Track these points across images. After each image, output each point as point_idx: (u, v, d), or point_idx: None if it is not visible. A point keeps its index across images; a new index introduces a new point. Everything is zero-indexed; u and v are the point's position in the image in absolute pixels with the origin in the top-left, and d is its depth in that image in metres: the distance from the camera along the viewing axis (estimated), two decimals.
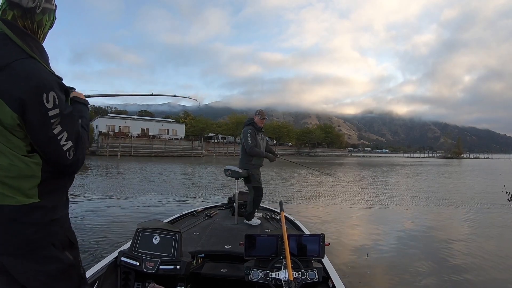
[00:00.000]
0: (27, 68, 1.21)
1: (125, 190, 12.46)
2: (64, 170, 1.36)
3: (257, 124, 4.91)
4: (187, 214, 4.84)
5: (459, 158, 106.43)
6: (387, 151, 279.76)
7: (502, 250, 5.89)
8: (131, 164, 29.82)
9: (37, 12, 1.32)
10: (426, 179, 22.03)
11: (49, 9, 1.38)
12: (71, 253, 1.47)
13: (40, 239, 1.32)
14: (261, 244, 2.66)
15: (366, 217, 9.00)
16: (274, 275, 2.46)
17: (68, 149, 1.31)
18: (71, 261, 1.45)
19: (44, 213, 1.33)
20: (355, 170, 31.58)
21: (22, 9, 1.29)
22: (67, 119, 1.30)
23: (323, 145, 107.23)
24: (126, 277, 2.75)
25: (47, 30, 1.43)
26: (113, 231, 6.23)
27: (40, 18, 1.35)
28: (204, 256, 3.22)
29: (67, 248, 1.46)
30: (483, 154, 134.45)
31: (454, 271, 4.76)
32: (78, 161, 1.37)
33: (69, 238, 1.48)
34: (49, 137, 1.26)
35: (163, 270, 2.58)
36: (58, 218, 1.40)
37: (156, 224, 2.92)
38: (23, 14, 1.29)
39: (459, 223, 8.25)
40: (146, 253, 2.67)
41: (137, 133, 61.62)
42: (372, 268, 4.84)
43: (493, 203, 11.10)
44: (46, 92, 1.21)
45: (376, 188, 15.88)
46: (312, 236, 2.77)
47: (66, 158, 1.32)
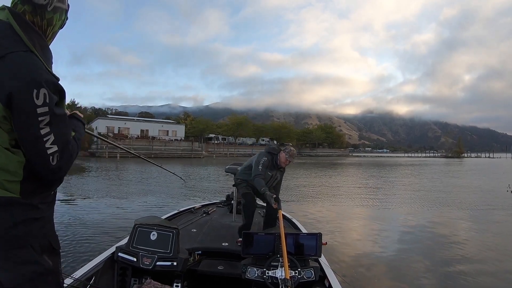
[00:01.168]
0: (23, 61, 1.18)
1: (123, 189, 12.35)
2: (44, 175, 1.26)
3: (280, 159, 4.09)
4: (185, 211, 4.84)
5: (460, 157, 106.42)
6: (388, 151, 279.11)
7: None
8: (130, 166, 29.59)
9: (48, 9, 1.31)
10: (431, 179, 21.88)
11: (61, 8, 1.36)
12: (51, 258, 1.36)
13: (17, 237, 1.24)
14: (258, 242, 2.69)
15: (364, 217, 8.95)
16: (271, 274, 2.47)
17: (52, 153, 1.22)
18: (50, 267, 1.34)
19: (23, 211, 1.25)
20: (357, 170, 31.58)
21: (33, 4, 1.27)
22: (57, 121, 1.23)
23: (323, 146, 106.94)
24: (123, 273, 2.73)
25: (57, 29, 1.40)
26: (110, 227, 6.18)
27: (51, 16, 1.33)
28: (201, 253, 3.21)
29: (47, 252, 1.35)
30: (484, 153, 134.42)
31: (454, 272, 4.71)
32: (61, 170, 1.27)
33: (51, 242, 1.37)
34: (35, 136, 1.19)
35: (160, 266, 2.58)
36: (39, 218, 1.31)
37: (154, 220, 2.92)
38: (33, 10, 1.28)
39: (464, 224, 8.08)
40: (143, 249, 2.67)
41: (137, 134, 61.42)
42: (369, 267, 4.86)
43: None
44: (37, 88, 1.16)
45: (377, 188, 15.78)
46: (309, 235, 2.81)
47: (49, 162, 1.23)
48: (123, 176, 19.59)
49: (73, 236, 5.73)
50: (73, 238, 5.62)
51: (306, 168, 31.51)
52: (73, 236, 5.76)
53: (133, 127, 63.20)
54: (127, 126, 63.02)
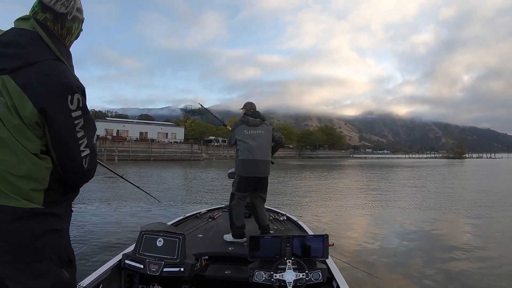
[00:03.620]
0: (56, 69, 1.22)
1: (125, 194, 11.92)
2: (74, 179, 1.31)
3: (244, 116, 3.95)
4: (191, 216, 4.81)
5: (461, 158, 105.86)
6: (389, 152, 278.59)
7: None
8: (129, 169, 29.05)
9: (68, 18, 1.35)
10: (437, 180, 21.28)
11: (79, 18, 1.41)
12: (68, 271, 1.37)
13: (38, 250, 1.25)
14: (265, 246, 2.67)
15: (372, 218, 8.85)
16: (278, 277, 2.46)
17: (85, 156, 1.28)
18: (68, 280, 1.35)
19: (46, 222, 1.26)
20: (361, 172, 31.34)
21: (55, 13, 1.31)
22: (89, 125, 1.29)
23: (324, 147, 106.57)
24: (130, 280, 2.72)
25: (74, 38, 1.44)
26: (116, 234, 6.15)
27: (70, 25, 1.37)
28: (208, 258, 3.18)
29: (64, 265, 1.36)
30: (485, 153, 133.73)
31: (464, 276, 4.61)
32: (90, 171, 1.34)
33: (68, 254, 1.39)
34: (72, 140, 1.24)
35: (167, 273, 2.56)
36: (59, 229, 1.32)
37: (160, 226, 2.93)
38: (55, 18, 1.32)
39: (476, 227, 7.65)
40: (150, 255, 2.66)
41: (136, 137, 60.82)
42: (378, 268, 4.82)
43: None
44: (71, 94, 1.21)
45: (384, 189, 15.49)
46: (315, 236, 2.78)
47: (82, 165, 1.28)
48: (123, 180, 18.91)
49: (78, 244, 5.56)
50: (78, 246, 5.46)
51: (310, 170, 30.97)
52: (78, 244, 5.60)
53: (132, 130, 62.53)
54: (126, 129, 62.34)
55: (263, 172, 3.78)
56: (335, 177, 23.41)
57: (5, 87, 1.16)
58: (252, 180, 3.76)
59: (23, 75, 1.17)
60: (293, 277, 2.43)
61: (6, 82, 1.16)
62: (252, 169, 3.72)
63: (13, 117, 1.17)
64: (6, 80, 1.16)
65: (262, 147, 3.77)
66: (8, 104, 1.16)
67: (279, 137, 3.98)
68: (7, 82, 1.16)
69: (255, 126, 3.81)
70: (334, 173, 28.68)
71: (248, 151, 3.71)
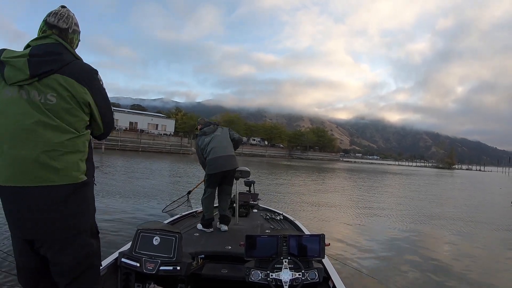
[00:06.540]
0: (82, 63, 1.65)
1: (121, 192, 11.34)
2: (107, 133, 1.78)
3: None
4: (187, 215, 4.81)
5: (451, 168, 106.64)
6: (378, 157, 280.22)
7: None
8: (118, 160, 28.41)
9: (69, 31, 1.70)
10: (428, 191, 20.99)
11: (77, 31, 1.77)
12: (95, 242, 1.68)
13: (79, 223, 1.56)
14: (261, 245, 2.67)
15: (368, 219, 8.96)
16: (274, 276, 2.47)
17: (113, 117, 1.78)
18: (97, 249, 1.68)
19: (86, 192, 1.59)
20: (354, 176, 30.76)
21: (59, 29, 1.66)
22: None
23: (315, 149, 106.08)
24: (126, 278, 2.72)
25: (75, 47, 1.77)
26: (112, 233, 6.12)
27: (72, 37, 1.73)
28: (204, 257, 3.13)
29: (94, 235, 1.68)
30: (475, 166, 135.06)
31: (455, 274, 4.81)
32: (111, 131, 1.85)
33: (96, 227, 1.72)
34: (109, 106, 1.71)
35: (163, 271, 2.57)
36: (92, 198, 1.67)
37: (156, 225, 2.93)
38: (60, 32, 1.66)
39: (466, 238, 7.72)
40: (146, 254, 2.66)
41: (125, 126, 59.60)
42: (373, 268, 4.87)
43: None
44: (97, 75, 1.67)
45: (379, 193, 15.62)
46: (312, 236, 2.78)
47: (113, 125, 1.78)
48: (116, 177, 17.91)
49: None
50: None
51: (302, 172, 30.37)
52: None
53: (122, 119, 61.03)
54: (116, 117, 60.52)
55: (230, 165, 4.19)
56: (330, 179, 23.13)
57: (58, 82, 1.52)
58: (218, 175, 4.18)
59: (66, 71, 1.55)
60: (290, 276, 2.42)
61: (58, 78, 1.53)
62: (218, 165, 4.13)
63: (66, 102, 1.53)
64: (57, 77, 1.53)
65: (221, 144, 4.24)
66: (63, 94, 1.52)
67: (238, 138, 4.52)
68: (58, 78, 1.53)
69: (211, 132, 4.34)
70: (328, 175, 28.21)
71: (211, 152, 4.16)
